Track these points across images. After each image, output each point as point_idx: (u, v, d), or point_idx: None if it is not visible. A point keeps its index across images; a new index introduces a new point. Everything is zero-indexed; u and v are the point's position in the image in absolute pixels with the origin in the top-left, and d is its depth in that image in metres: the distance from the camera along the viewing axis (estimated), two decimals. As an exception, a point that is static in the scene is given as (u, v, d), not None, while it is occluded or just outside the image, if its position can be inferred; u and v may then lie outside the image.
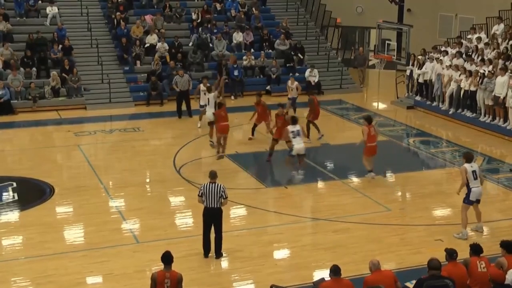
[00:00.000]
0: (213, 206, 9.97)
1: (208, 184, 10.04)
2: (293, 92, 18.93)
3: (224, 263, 10.26)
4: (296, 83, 19.12)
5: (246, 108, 20.30)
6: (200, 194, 10.08)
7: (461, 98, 18.80)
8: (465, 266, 8.08)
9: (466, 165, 10.76)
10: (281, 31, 24.58)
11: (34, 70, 21.21)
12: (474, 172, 10.75)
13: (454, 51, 20.20)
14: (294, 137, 13.94)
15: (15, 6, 23.06)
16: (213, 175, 10.14)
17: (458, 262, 8.10)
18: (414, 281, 8.03)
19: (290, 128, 14.00)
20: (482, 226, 11.20)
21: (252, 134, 16.96)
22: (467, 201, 10.86)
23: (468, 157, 10.96)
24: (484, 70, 17.93)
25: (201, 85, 17.43)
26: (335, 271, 7.63)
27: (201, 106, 17.25)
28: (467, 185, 10.77)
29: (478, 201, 10.96)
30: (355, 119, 19.61)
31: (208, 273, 9.86)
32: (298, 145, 13.94)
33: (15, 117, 19.64)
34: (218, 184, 10.04)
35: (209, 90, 16.54)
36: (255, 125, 16.89)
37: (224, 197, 10.02)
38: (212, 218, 10.06)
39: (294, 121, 14.17)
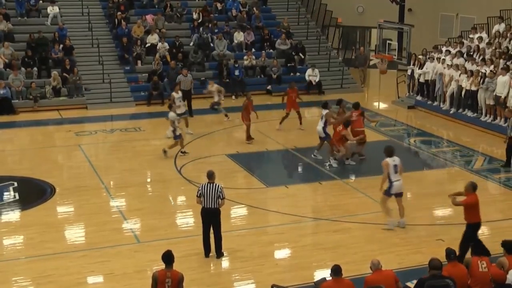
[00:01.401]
0: (211, 206, 9.95)
1: (206, 184, 10.02)
2: (216, 96, 18.45)
3: (225, 263, 10.27)
4: (215, 85, 18.90)
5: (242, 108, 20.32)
6: (198, 195, 10.05)
7: (462, 98, 18.80)
8: (466, 266, 8.07)
9: (388, 159, 10.97)
10: (282, 30, 24.59)
11: (35, 70, 21.23)
12: (395, 166, 10.95)
13: (455, 50, 20.19)
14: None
15: (16, 6, 23.08)
16: (210, 175, 10.10)
17: (458, 261, 8.09)
18: (415, 281, 8.04)
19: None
20: (405, 222, 11.28)
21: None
22: (387, 193, 11.11)
23: (389, 151, 11.16)
24: (485, 70, 17.92)
25: (174, 93, 17.19)
26: (335, 271, 7.63)
27: (179, 115, 16.39)
28: (389, 179, 10.98)
29: (399, 194, 11.11)
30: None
31: (208, 273, 9.86)
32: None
33: (16, 117, 19.65)
34: (216, 184, 10.02)
35: (169, 107, 15.93)
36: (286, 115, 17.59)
37: (222, 197, 9.99)
38: (211, 218, 10.04)
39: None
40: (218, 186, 10.00)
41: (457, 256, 9.14)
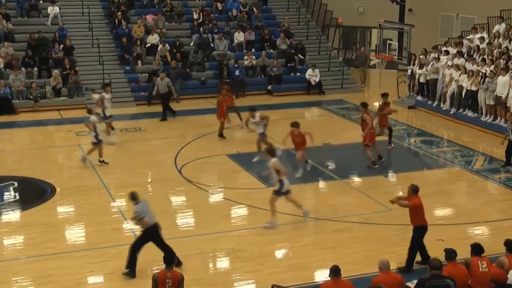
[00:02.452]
0: (156, 221, 9.61)
1: (141, 203, 9.66)
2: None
3: (225, 263, 10.27)
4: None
5: (247, 108, 20.32)
6: (140, 218, 9.45)
7: (462, 98, 18.80)
8: (466, 266, 8.07)
9: (276, 160, 11.25)
10: (282, 30, 24.59)
11: (35, 70, 21.23)
12: (280, 164, 11.23)
13: (455, 51, 20.19)
14: None
15: (16, 6, 23.08)
16: (133, 197, 9.66)
17: (458, 262, 8.09)
18: (415, 281, 8.03)
19: None
20: (308, 210, 11.50)
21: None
22: (278, 193, 11.26)
23: (272, 152, 11.48)
24: (486, 70, 17.92)
25: (104, 93, 16.42)
26: (334, 271, 7.61)
27: (107, 118, 16.25)
28: (280, 179, 11.18)
29: (288, 192, 11.33)
30: (356, 119, 19.59)
31: (208, 273, 9.86)
32: None
33: (17, 117, 19.66)
34: (144, 201, 9.76)
35: (89, 111, 15.24)
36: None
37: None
38: (157, 233, 9.54)
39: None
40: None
41: (407, 261, 9.42)
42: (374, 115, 15.79)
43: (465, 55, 19.69)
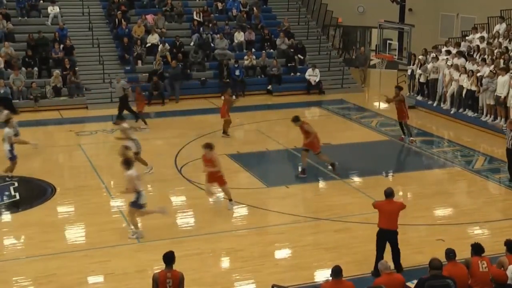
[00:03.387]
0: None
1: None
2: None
3: (225, 263, 10.27)
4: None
5: (247, 108, 20.34)
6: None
7: (462, 97, 18.80)
8: (466, 266, 8.07)
9: (132, 171, 10.70)
10: (282, 30, 24.59)
11: (35, 69, 21.24)
12: (137, 176, 10.80)
13: (455, 50, 20.19)
14: None
15: (17, 6, 23.08)
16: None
17: (458, 261, 8.09)
18: (415, 281, 8.03)
19: None
20: (140, 232, 10.97)
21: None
22: (136, 205, 10.80)
23: (128, 163, 10.83)
24: (486, 70, 17.91)
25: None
26: (336, 272, 7.59)
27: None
28: (137, 190, 10.72)
29: (144, 205, 10.88)
30: (357, 119, 19.61)
31: (209, 273, 9.86)
32: None
33: (17, 117, 19.54)
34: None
35: (7, 121, 14.17)
36: None
37: None
38: None
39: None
40: None
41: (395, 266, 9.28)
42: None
43: (465, 55, 19.69)
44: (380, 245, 9.52)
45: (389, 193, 9.56)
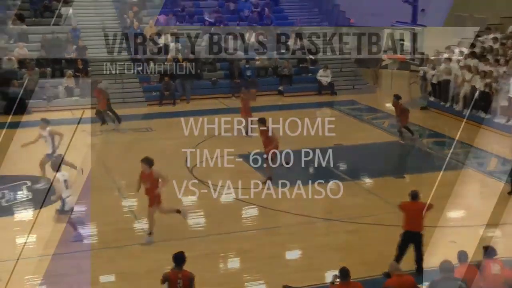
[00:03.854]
0: None
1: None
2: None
3: (236, 263, 10.28)
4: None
5: (258, 108, 20.31)
6: None
7: (475, 98, 18.66)
8: (478, 269, 8.01)
9: (58, 175, 10.43)
10: (294, 30, 24.55)
11: (48, 70, 21.39)
12: (65, 181, 10.59)
13: (468, 51, 20.05)
14: None
15: (30, 7, 23.27)
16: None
17: (470, 264, 8.03)
18: (427, 284, 7.98)
19: None
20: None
21: None
22: (62, 211, 10.67)
23: (56, 164, 10.57)
24: (498, 71, 17.77)
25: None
26: (343, 274, 7.57)
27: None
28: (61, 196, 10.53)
29: (72, 209, 10.72)
30: (368, 119, 19.53)
31: (219, 273, 9.87)
32: None
33: (30, 117, 19.75)
34: None
35: None
36: None
37: None
38: None
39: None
40: None
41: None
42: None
43: (478, 56, 19.55)
44: (402, 247, 9.46)
45: (414, 195, 9.56)
